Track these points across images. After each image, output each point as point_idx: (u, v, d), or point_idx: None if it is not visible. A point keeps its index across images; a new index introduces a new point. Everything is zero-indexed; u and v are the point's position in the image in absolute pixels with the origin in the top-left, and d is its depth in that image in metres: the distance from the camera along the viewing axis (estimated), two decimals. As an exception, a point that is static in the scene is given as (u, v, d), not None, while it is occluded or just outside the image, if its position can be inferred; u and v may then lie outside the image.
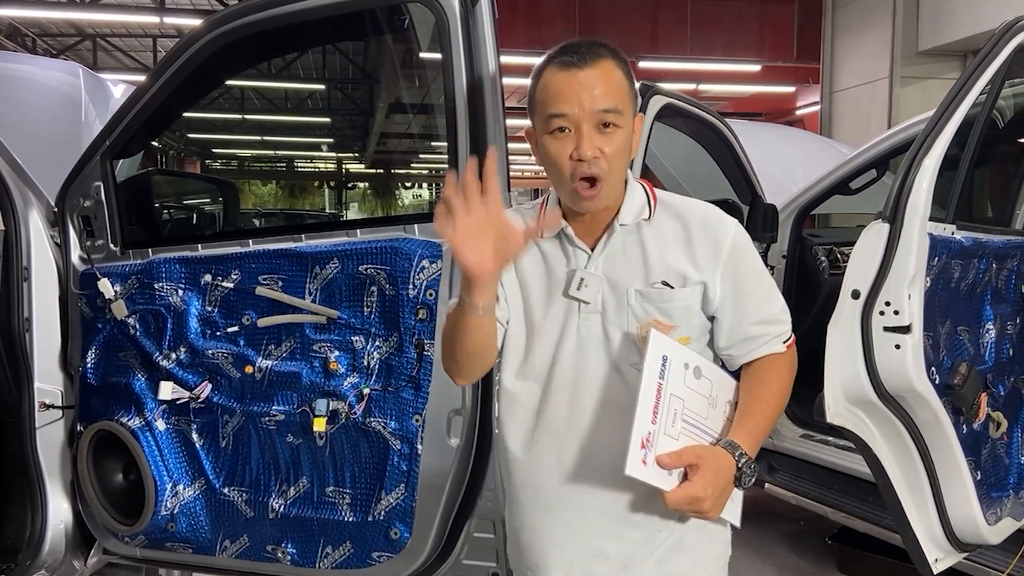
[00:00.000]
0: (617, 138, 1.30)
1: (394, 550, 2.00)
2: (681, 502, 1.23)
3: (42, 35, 15.28)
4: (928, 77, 8.74)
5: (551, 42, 1.45)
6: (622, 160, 1.33)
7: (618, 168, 1.32)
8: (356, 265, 1.98)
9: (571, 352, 1.37)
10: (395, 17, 2.05)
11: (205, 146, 20.83)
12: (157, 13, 11.73)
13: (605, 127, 1.29)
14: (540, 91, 1.35)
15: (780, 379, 1.40)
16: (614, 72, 1.31)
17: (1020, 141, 3.00)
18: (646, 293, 1.35)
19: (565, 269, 1.39)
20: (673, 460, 1.23)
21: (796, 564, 3.62)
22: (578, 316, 1.37)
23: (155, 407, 2.22)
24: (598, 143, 1.29)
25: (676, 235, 1.37)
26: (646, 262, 1.36)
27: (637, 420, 1.21)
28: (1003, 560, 2.57)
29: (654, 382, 1.24)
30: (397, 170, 22.78)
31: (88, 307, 2.31)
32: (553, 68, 1.32)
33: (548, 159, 1.34)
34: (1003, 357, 2.44)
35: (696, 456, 1.25)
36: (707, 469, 1.24)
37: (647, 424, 1.22)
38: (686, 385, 1.29)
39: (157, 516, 2.21)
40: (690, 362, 1.31)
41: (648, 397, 1.23)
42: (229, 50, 2.10)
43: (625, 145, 1.32)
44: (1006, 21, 2.17)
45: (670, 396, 1.26)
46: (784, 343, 1.41)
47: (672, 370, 1.27)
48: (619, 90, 1.30)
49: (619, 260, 1.37)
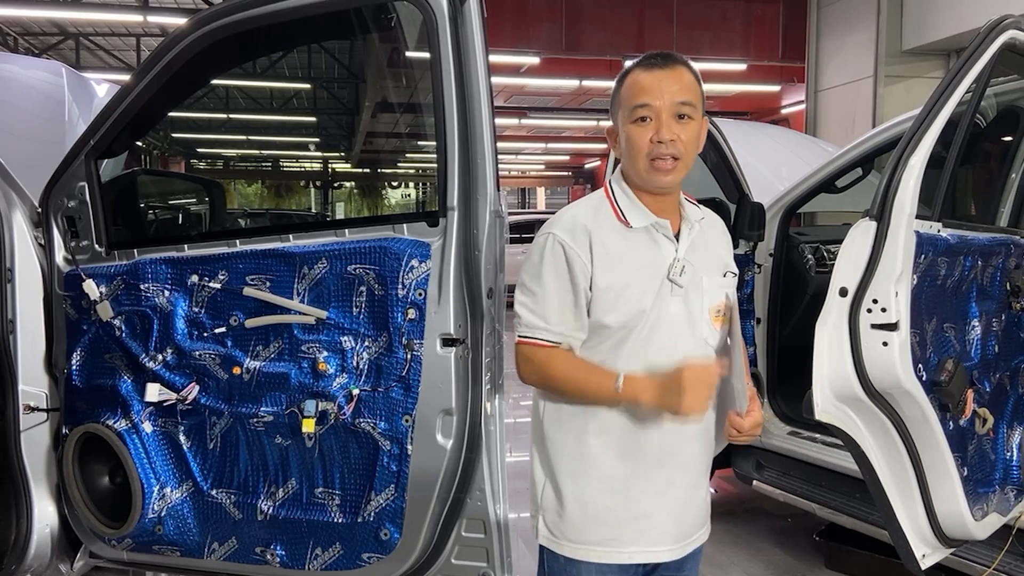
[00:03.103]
0: (691, 128, 1.57)
1: (384, 551, 1.99)
2: (755, 426, 1.58)
3: (24, 34, 15.13)
4: (912, 76, 8.80)
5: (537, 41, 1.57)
6: (693, 149, 1.59)
7: (690, 154, 1.59)
8: (345, 265, 1.97)
9: (667, 328, 1.60)
10: (382, 16, 2.04)
11: (190, 146, 20.69)
12: (141, 12, 11.63)
13: (681, 118, 1.56)
14: (626, 89, 1.60)
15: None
16: (688, 75, 1.58)
17: (1004, 139, 3.03)
18: (718, 280, 1.66)
19: (657, 256, 1.61)
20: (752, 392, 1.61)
21: (784, 561, 3.64)
22: (670, 296, 1.60)
23: (142, 409, 2.20)
24: (676, 130, 1.55)
25: (719, 235, 1.74)
26: (713, 254, 1.68)
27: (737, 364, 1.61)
28: (990, 555, 2.59)
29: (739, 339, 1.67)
30: (384, 169, 22.72)
31: (73, 308, 2.29)
32: (639, 70, 1.59)
33: (630, 144, 1.58)
34: (989, 354, 2.46)
35: (754, 393, 1.62)
36: (758, 403, 1.61)
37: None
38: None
39: (144, 519, 2.19)
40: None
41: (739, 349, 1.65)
42: (214, 49, 2.09)
43: (696, 136, 1.59)
44: (991, 20, 2.18)
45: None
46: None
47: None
48: (693, 88, 1.58)
49: (696, 250, 1.65)
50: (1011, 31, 2.19)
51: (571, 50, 10.78)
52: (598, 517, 1.63)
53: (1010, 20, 2.19)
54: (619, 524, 1.63)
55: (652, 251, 1.61)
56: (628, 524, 1.63)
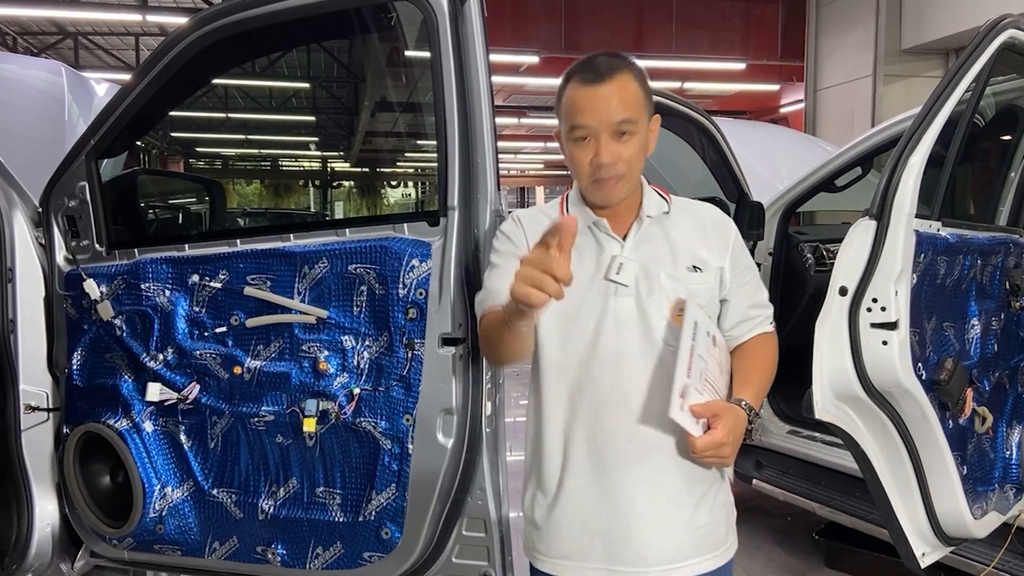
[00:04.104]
0: (633, 143, 1.48)
1: (385, 550, 1.99)
2: (708, 447, 1.39)
3: (23, 33, 15.11)
4: (911, 75, 8.81)
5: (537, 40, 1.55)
6: (638, 161, 1.52)
7: (635, 169, 1.52)
8: (345, 265, 1.98)
9: (611, 331, 1.51)
10: (383, 16, 2.04)
11: (189, 145, 20.68)
12: (140, 11, 11.62)
13: (622, 135, 1.47)
14: (564, 103, 1.50)
15: (770, 355, 1.63)
16: (629, 85, 1.47)
17: (1003, 138, 3.03)
18: (677, 276, 1.53)
19: (599, 256, 1.53)
20: (703, 410, 1.41)
21: (784, 560, 3.65)
22: (615, 298, 1.51)
23: (142, 409, 2.20)
24: (616, 150, 1.46)
25: (693, 228, 1.58)
26: (673, 249, 1.55)
27: (677, 373, 1.40)
28: (989, 554, 2.60)
29: (688, 343, 1.44)
30: (385, 169, 22.72)
31: (73, 308, 2.29)
32: (575, 83, 1.48)
33: (571, 162, 1.52)
34: (988, 352, 2.46)
35: (719, 409, 1.43)
36: (728, 419, 1.42)
37: (683, 377, 1.41)
38: (708, 350, 1.49)
39: (145, 518, 2.19)
40: (711, 331, 1.53)
41: (685, 355, 1.43)
42: (215, 49, 2.09)
43: (640, 148, 1.51)
44: (991, 19, 2.19)
45: (698, 357, 1.45)
46: (771, 324, 1.65)
47: (699, 336, 1.47)
48: (633, 101, 1.47)
49: (648, 247, 1.54)
50: (1010, 30, 2.19)
51: (570, 49, 10.77)
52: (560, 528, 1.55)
53: (1009, 19, 2.20)
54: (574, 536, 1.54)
55: (593, 250, 1.54)
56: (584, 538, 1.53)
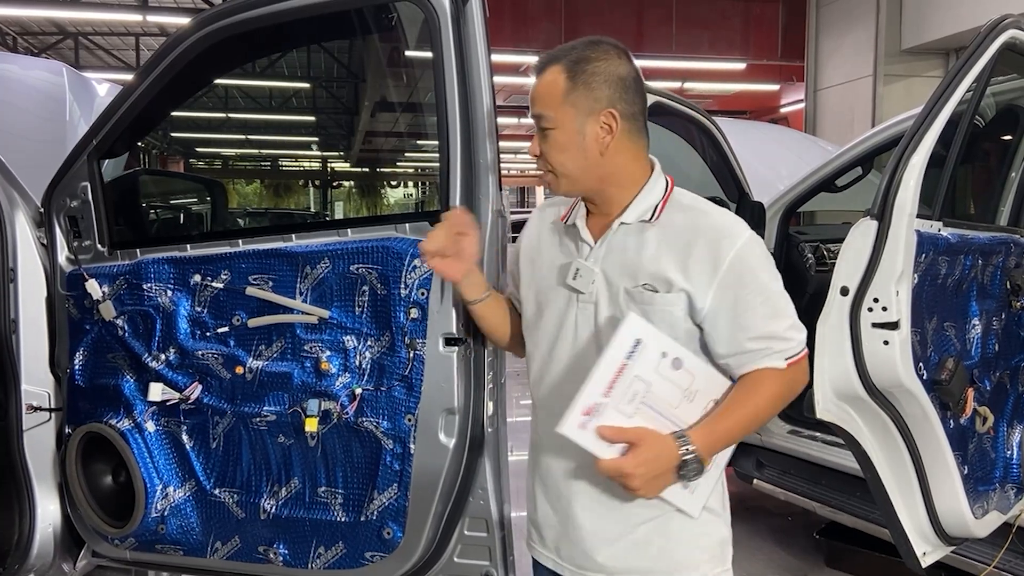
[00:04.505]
0: (553, 138, 1.43)
1: (387, 550, 1.99)
2: (608, 471, 1.32)
3: (23, 33, 15.12)
4: (911, 75, 8.82)
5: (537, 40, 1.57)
6: (560, 157, 1.43)
7: (568, 164, 1.43)
8: (347, 265, 1.98)
9: (569, 337, 1.48)
10: (385, 16, 2.04)
11: (189, 145, 20.69)
12: (140, 11, 11.63)
13: (542, 131, 1.44)
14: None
15: (769, 393, 1.41)
16: (555, 79, 1.41)
17: (1004, 138, 3.04)
18: (632, 293, 1.42)
19: (570, 258, 1.50)
20: (613, 434, 1.32)
21: (784, 559, 3.65)
22: (576, 304, 1.47)
23: (144, 409, 2.21)
24: (539, 145, 1.46)
25: (678, 240, 1.41)
26: (638, 263, 1.42)
27: (586, 388, 1.31)
28: (990, 553, 2.60)
29: (618, 360, 1.32)
30: (388, 169, 22.73)
31: (76, 308, 2.29)
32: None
33: None
34: (989, 352, 2.46)
35: (638, 436, 1.32)
36: (646, 450, 1.31)
37: (596, 395, 1.31)
38: (658, 372, 1.34)
39: (147, 518, 2.19)
40: (670, 352, 1.36)
41: (606, 371, 1.32)
42: (217, 49, 2.09)
43: (563, 144, 1.42)
44: (992, 20, 2.19)
45: (634, 377, 1.33)
46: (787, 359, 1.40)
47: (644, 355, 1.33)
48: (549, 96, 1.42)
49: (616, 257, 1.45)
50: (1011, 31, 2.19)
51: (571, 49, 10.75)
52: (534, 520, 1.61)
53: (1010, 20, 2.20)
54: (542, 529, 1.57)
55: (568, 252, 1.51)
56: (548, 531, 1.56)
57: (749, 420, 1.41)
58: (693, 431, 1.35)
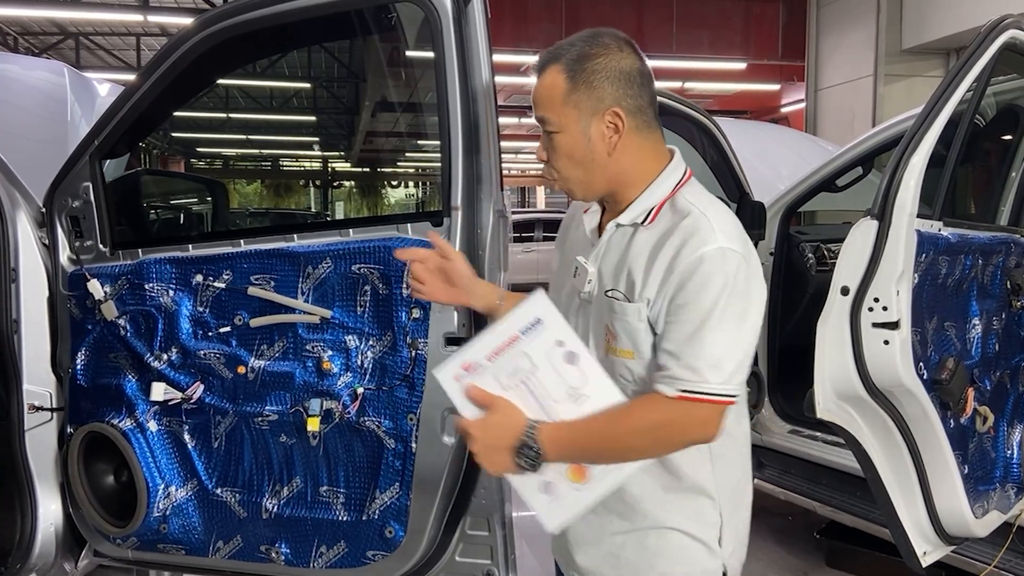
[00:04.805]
0: (558, 142, 1.36)
1: (389, 549, 2.00)
2: (457, 427, 1.32)
3: (24, 34, 15.13)
4: (912, 75, 8.83)
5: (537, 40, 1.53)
6: (566, 162, 1.37)
7: (570, 169, 1.37)
8: (349, 265, 1.98)
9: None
10: (387, 16, 2.05)
11: (190, 145, 20.70)
12: (141, 11, 11.63)
13: (548, 134, 1.37)
14: None
15: (641, 419, 1.26)
16: (554, 79, 1.34)
17: (1004, 138, 3.04)
18: (604, 297, 1.38)
19: (580, 254, 1.45)
20: (477, 395, 1.29)
21: (784, 559, 3.65)
22: (578, 303, 1.45)
23: (146, 408, 2.21)
24: (540, 149, 1.40)
25: (650, 245, 1.32)
26: (620, 267, 1.36)
27: (472, 345, 1.30)
28: (990, 553, 2.60)
29: (511, 331, 1.29)
30: (389, 169, 22.72)
31: (77, 308, 2.30)
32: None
33: None
34: (989, 352, 2.47)
35: (495, 404, 1.28)
36: (494, 417, 1.28)
37: (480, 356, 1.29)
38: (549, 358, 1.28)
39: (149, 518, 2.20)
40: (567, 343, 1.29)
41: (497, 337, 1.29)
42: (219, 50, 2.09)
43: (568, 147, 1.35)
44: (992, 20, 2.19)
45: (521, 353, 1.28)
46: (681, 390, 1.23)
47: (540, 336, 1.28)
48: (550, 99, 1.35)
49: (609, 257, 1.40)
50: (1011, 31, 2.20)
51: (571, 49, 10.75)
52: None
53: (1010, 20, 2.20)
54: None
55: (582, 247, 1.46)
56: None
57: (606, 440, 1.27)
58: (546, 424, 1.27)
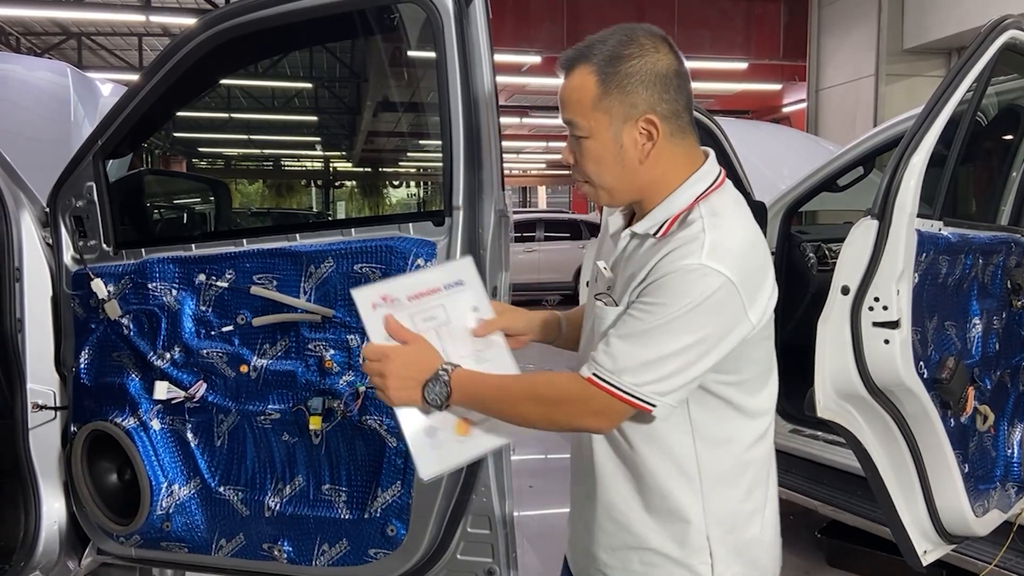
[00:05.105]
0: (584, 147, 1.29)
1: (390, 547, 2.01)
2: (367, 351, 1.32)
3: (26, 34, 15.14)
4: (913, 75, 8.83)
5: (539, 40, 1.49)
6: (595, 168, 1.30)
7: (600, 176, 1.31)
8: (351, 264, 1.99)
9: (587, 336, 1.42)
10: (389, 17, 2.05)
11: (192, 145, 20.72)
12: (143, 12, 11.66)
13: (576, 138, 1.30)
14: None
15: (547, 387, 1.29)
16: (584, 81, 1.27)
17: (1005, 138, 3.05)
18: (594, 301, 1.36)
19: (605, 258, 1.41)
20: (395, 330, 1.32)
21: (786, 558, 3.60)
22: (596, 306, 1.38)
23: (150, 407, 2.22)
24: (567, 151, 1.33)
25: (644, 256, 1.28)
26: (624, 273, 1.32)
27: (397, 280, 1.37)
28: (991, 552, 2.61)
29: (435, 282, 1.37)
30: (391, 169, 22.72)
31: (81, 307, 2.31)
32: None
33: None
34: (989, 351, 2.47)
35: (413, 339, 1.32)
36: (408, 350, 1.30)
37: (401, 293, 1.34)
38: (462, 318, 1.38)
39: (152, 516, 2.21)
40: (481, 310, 1.39)
41: (420, 283, 1.37)
42: (222, 50, 2.10)
43: (597, 154, 1.29)
44: (991, 20, 2.20)
45: (439, 304, 1.36)
46: (594, 373, 1.23)
47: (459, 296, 1.38)
48: (579, 102, 1.28)
49: (624, 264, 1.34)
50: (1011, 31, 2.20)
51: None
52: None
53: (1010, 20, 2.21)
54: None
55: (607, 252, 1.42)
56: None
57: (509, 397, 1.30)
58: (459, 368, 1.30)
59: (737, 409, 1.32)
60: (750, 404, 1.33)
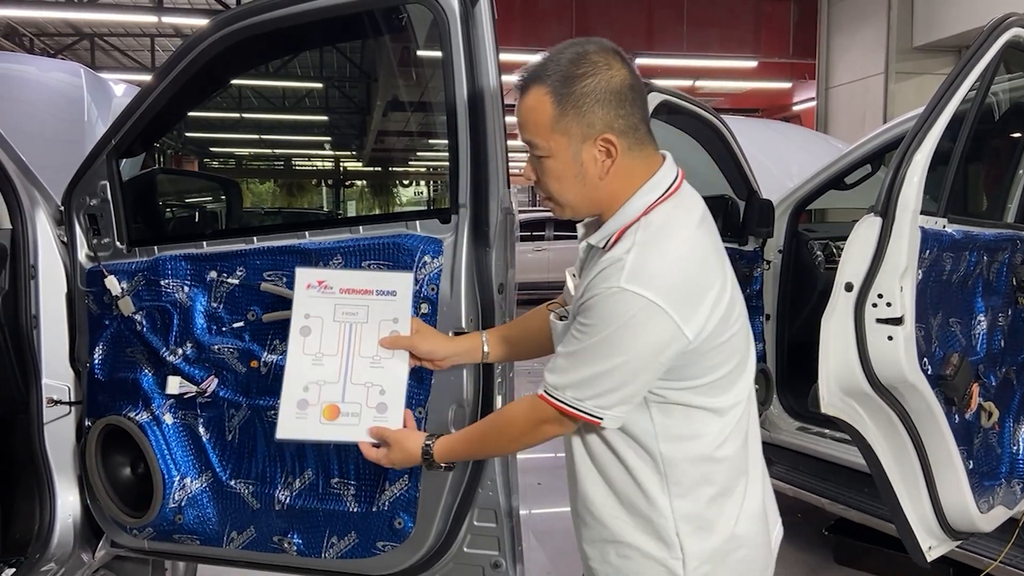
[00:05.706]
0: (545, 166, 1.34)
1: (398, 540, 2.03)
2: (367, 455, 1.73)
3: (39, 35, 15.27)
4: (923, 73, 8.79)
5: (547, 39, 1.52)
6: (556, 186, 1.35)
7: (561, 193, 1.36)
8: (359, 261, 2.01)
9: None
10: (395, 17, 2.08)
11: (203, 145, 20.81)
12: (155, 13, 11.74)
13: (537, 158, 1.35)
14: None
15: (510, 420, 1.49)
16: (539, 103, 1.30)
17: (1010, 135, 3.04)
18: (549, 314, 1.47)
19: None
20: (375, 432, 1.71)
21: (793, 556, 3.66)
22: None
23: (162, 402, 2.25)
24: (534, 170, 1.38)
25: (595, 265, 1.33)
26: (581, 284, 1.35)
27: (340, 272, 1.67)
28: (995, 548, 2.61)
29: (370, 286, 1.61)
30: (399, 168, 22.76)
31: (95, 304, 2.34)
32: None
33: None
34: (994, 348, 2.48)
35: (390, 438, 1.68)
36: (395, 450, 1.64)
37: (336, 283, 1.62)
38: (379, 325, 1.63)
39: (165, 509, 2.24)
40: (399, 325, 1.64)
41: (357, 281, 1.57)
42: (234, 50, 2.13)
43: (558, 172, 1.33)
44: (994, 18, 2.21)
45: (365, 306, 1.58)
46: (543, 390, 1.35)
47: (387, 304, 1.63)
48: (536, 124, 1.31)
49: (582, 275, 1.40)
50: (1014, 29, 2.21)
51: (581, 48, 10.76)
52: None
53: (1013, 19, 2.21)
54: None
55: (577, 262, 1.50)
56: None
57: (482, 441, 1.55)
58: (438, 439, 1.59)
59: (701, 408, 1.34)
60: (716, 403, 1.34)
